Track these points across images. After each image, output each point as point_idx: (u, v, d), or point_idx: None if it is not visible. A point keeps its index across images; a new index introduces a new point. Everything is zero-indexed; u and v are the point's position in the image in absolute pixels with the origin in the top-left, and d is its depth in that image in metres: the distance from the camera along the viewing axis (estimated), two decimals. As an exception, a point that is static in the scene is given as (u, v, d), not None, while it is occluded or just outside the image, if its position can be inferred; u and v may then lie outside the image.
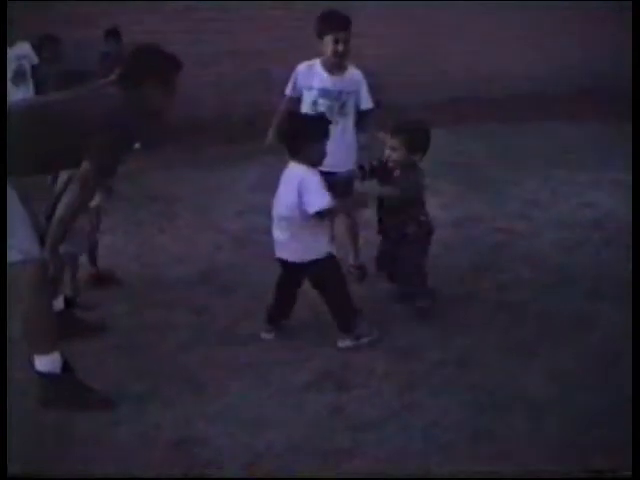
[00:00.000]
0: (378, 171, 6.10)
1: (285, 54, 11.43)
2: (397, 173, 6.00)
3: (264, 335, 5.71)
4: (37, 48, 11.05)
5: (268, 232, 6.58)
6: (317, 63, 6.48)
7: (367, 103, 6.57)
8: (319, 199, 5.33)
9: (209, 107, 11.30)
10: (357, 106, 6.53)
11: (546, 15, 12.87)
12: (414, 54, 12.73)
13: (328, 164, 5.74)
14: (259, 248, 7.01)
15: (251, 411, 4.83)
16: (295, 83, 6.56)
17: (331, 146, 5.63)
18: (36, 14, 11.01)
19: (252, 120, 7.12)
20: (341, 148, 6.30)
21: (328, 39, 6.31)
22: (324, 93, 6.42)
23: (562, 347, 5.49)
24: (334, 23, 6.34)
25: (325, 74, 6.43)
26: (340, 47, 6.30)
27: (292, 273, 5.67)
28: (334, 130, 5.83)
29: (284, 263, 5.66)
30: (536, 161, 10.05)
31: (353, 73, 6.51)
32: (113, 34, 11.55)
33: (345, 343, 5.56)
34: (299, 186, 5.34)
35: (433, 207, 8.19)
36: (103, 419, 4.72)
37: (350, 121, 6.55)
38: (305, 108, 6.47)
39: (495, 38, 12.71)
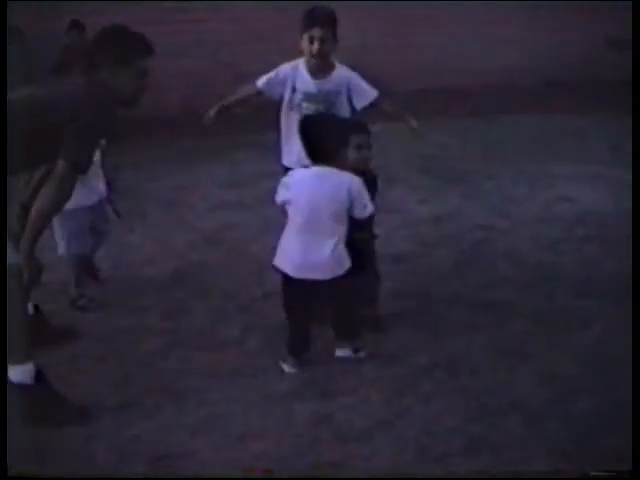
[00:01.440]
0: None
1: (254, 45, 11.28)
2: None
3: (288, 369, 5.16)
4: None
5: (241, 229, 6.43)
6: (300, 64, 5.99)
7: (368, 96, 6.03)
8: (369, 202, 5.04)
9: (176, 100, 11.11)
10: (351, 105, 6.02)
11: (517, 6, 12.79)
12: (383, 45, 12.59)
13: None
14: (232, 245, 6.83)
15: (235, 422, 4.64)
16: (271, 82, 6.04)
17: None
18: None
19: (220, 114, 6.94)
20: None
21: (304, 37, 5.83)
22: (308, 97, 5.94)
23: (553, 348, 5.35)
24: (309, 20, 5.82)
25: (308, 77, 5.93)
26: (315, 46, 5.78)
27: (313, 292, 5.13)
28: None
29: (304, 283, 5.06)
30: (510, 154, 9.92)
31: (340, 72, 5.99)
32: (76, 25, 11.25)
33: (344, 352, 5.26)
34: (350, 193, 4.94)
35: (411, 202, 8.10)
36: (79, 432, 4.51)
37: None
38: (287, 109, 6.04)
39: (466, 30, 12.58)
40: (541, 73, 12.26)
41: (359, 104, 5.98)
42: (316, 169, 5.06)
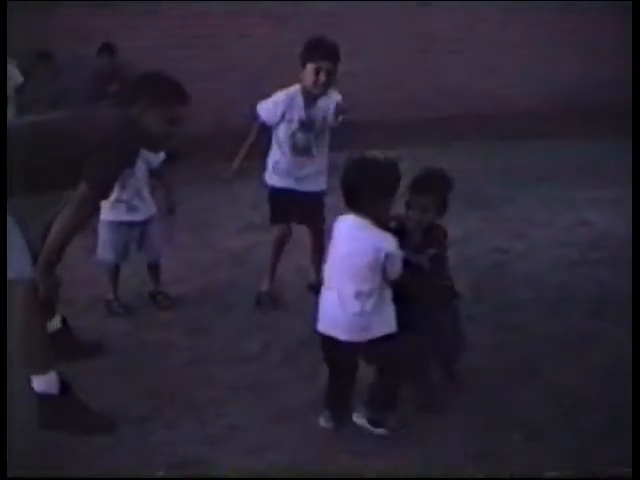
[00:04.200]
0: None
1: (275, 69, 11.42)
2: (417, 239, 4.89)
3: (324, 424, 4.80)
4: (30, 66, 10.87)
5: (267, 248, 6.52)
6: (298, 92, 6.10)
7: (340, 102, 6.01)
8: (400, 263, 4.50)
9: (207, 122, 11.23)
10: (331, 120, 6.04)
11: (544, 30, 12.82)
12: (409, 70, 12.66)
13: (301, 183, 6.25)
14: (259, 265, 6.91)
15: (252, 433, 4.73)
16: (271, 111, 6.15)
17: (305, 170, 6.18)
18: (29, 28, 10.82)
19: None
20: (314, 172, 6.28)
21: (310, 68, 5.92)
22: (303, 126, 6.07)
23: (564, 367, 5.40)
24: (318, 51, 5.93)
25: (303, 105, 6.06)
26: (322, 78, 5.91)
27: (347, 349, 4.64)
28: (308, 159, 6.17)
29: (332, 339, 4.64)
30: (531, 179, 9.95)
31: (329, 97, 6.05)
32: (107, 49, 11.38)
33: (360, 420, 4.77)
34: (386, 257, 4.41)
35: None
36: (102, 441, 4.61)
37: (325, 144, 6.27)
38: (278, 140, 6.19)
39: (493, 54, 12.61)
40: (562, 100, 12.27)
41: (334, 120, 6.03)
42: (351, 220, 4.55)
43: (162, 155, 6.18)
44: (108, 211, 6.11)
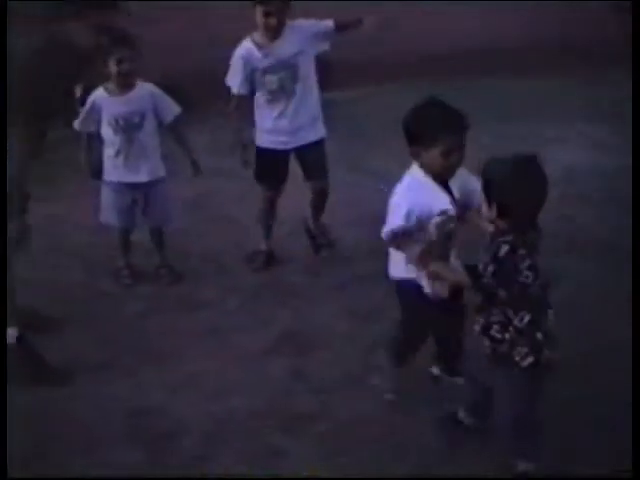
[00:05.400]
0: None
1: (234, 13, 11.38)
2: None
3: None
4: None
5: (221, 195, 6.58)
6: (250, 42, 5.81)
7: (326, 31, 5.89)
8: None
9: (156, 70, 11.19)
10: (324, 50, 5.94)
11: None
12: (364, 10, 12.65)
13: (294, 138, 5.95)
14: (213, 212, 6.99)
15: (211, 379, 4.88)
16: (241, 73, 5.85)
17: (293, 118, 5.86)
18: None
19: (203, 81, 7.00)
20: (304, 118, 5.93)
21: (258, 10, 5.63)
22: (266, 71, 5.78)
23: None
24: None
25: (258, 52, 5.76)
26: (271, 21, 5.63)
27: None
28: (291, 101, 5.83)
29: None
30: (493, 118, 10.02)
31: (292, 31, 5.77)
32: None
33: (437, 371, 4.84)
34: None
35: (393, 165, 8.23)
36: (60, 392, 4.72)
37: (309, 82, 5.92)
38: (257, 91, 5.89)
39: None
40: (514, 35, 12.32)
41: (323, 45, 5.92)
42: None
43: (177, 109, 5.93)
44: (110, 170, 5.89)
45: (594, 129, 8.82)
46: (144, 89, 5.82)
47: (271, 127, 5.96)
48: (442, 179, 4.30)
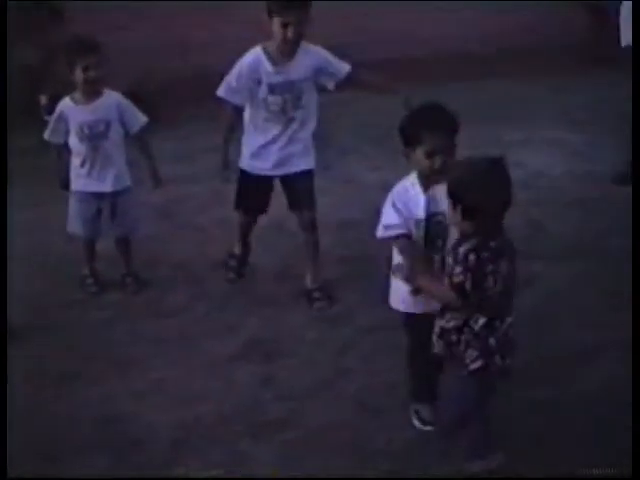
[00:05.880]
0: None
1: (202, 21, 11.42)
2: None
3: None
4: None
5: (189, 202, 6.62)
6: (261, 52, 5.53)
7: (340, 72, 5.68)
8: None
9: (125, 77, 11.20)
10: (324, 86, 5.71)
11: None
12: (336, 14, 12.70)
13: (284, 165, 5.69)
14: (181, 219, 7.03)
15: (179, 385, 4.94)
16: (243, 83, 5.56)
17: (287, 145, 5.61)
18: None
19: (170, 88, 7.03)
20: (297, 146, 5.69)
21: (276, 22, 5.35)
22: (273, 89, 5.50)
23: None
24: (282, 2, 5.32)
25: (270, 66, 5.49)
26: (290, 33, 5.33)
27: None
28: (289, 127, 5.58)
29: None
30: (462, 120, 10.11)
31: (306, 53, 5.56)
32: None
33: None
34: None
35: (363, 171, 8.30)
36: (26, 400, 4.75)
37: (309, 113, 5.68)
38: (254, 107, 5.60)
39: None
40: (487, 39, 12.41)
41: (330, 83, 5.70)
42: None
43: (143, 119, 5.93)
44: (76, 180, 5.91)
45: (564, 134, 8.92)
46: (111, 98, 5.85)
47: (259, 151, 5.69)
48: (433, 183, 4.30)
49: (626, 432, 4.02)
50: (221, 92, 5.66)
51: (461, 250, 3.84)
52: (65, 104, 5.83)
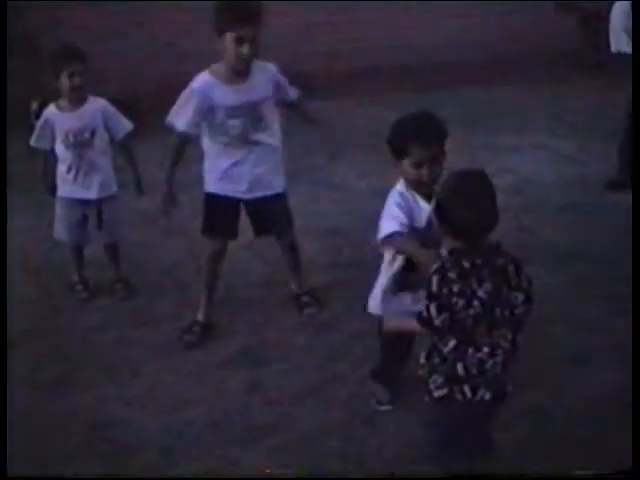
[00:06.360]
0: None
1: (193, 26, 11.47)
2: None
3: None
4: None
5: (178, 208, 6.63)
6: (212, 75, 5.21)
7: (289, 94, 5.53)
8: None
9: (113, 83, 11.25)
10: (284, 102, 5.52)
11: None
12: (328, 23, 12.76)
13: (254, 189, 5.43)
14: (169, 224, 7.06)
15: (169, 391, 5.02)
16: (193, 110, 5.23)
17: (254, 167, 5.35)
18: None
19: (160, 94, 7.05)
20: (266, 169, 5.42)
21: (228, 38, 5.01)
22: (230, 112, 5.18)
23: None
24: (236, 15, 4.97)
25: (224, 88, 5.18)
26: (246, 49, 5.01)
27: None
28: (253, 151, 5.31)
29: None
30: (453, 127, 10.17)
31: (261, 71, 5.28)
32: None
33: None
34: None
35: (352, 178, 8.37)
36: (16, 405, 4.79)
37: (273, 135, 5.41)
38: (211, 133, 5.30)
39: (408, 5, 12.76)
40: (481, 47, 12.48)
41: (280, 99, 5.46)
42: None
43: (128, 125, 6.00)
44: (62, 186, 6.00)
45: (556, 140, 9.01)
46: (96, 104, 5.93)
47: (227, 172, 5.40)
48: (424, 193, 4.33)
49: (622, 436, 4.09)
50: (170, 119, 5.36)
51: (428, 278, 3.63)
52: (50, 111, 5.93)
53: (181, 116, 5.26)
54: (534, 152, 8.98)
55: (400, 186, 4.44)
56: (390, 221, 4.35)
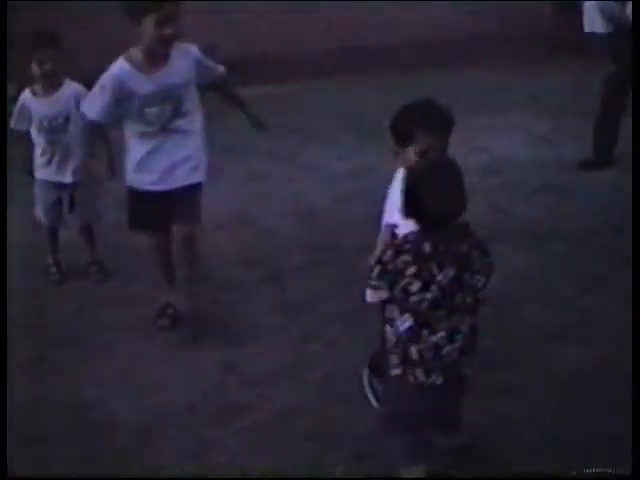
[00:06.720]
0: None
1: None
2: None
3: None
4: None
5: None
6: (124, 62, 5.03)
7: (212, 73, 5.34)
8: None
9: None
10: (204, 85, 5.30)
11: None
12: (304, 3, 12.72)
13: (168, 180, 5.23)
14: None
15: (143, 372, 5.07)
16: (108, 98, 5.06)
17: (171, 156, 5.18)
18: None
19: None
20: (182, 158, 5.24)
21: (148, 21, 4.81)
22: (148, 100, 5.02)
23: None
24: None
25: (141, 75, 5.00)
26: (168, 31, 4.84)
27: None
28: (171, 139, 5.17)
29: None
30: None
31: (181, 54, 5.09)
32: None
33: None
34: None
35: (330, 158, 8.41)
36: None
37: (194, 121, 5.26)
38: (130, 122, 5.17)
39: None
40: (454, 28, 12.49)
41: (204, 79, 5.26)
42: None
43: None
44: (38, 168, 6.11)
45: (532, 121, 9.06)
46: (69, 89, 5.96)
47: (140, 163, 5.24)
48: None
49: (595, 414, 4.15)
50: (82, 108, 5.34)
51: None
52: (26, 96, 6.00)
53: (94, 105, 5.15)
54: (509, 132, 9.03)
55: (402, 175, 4.24)
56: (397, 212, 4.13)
